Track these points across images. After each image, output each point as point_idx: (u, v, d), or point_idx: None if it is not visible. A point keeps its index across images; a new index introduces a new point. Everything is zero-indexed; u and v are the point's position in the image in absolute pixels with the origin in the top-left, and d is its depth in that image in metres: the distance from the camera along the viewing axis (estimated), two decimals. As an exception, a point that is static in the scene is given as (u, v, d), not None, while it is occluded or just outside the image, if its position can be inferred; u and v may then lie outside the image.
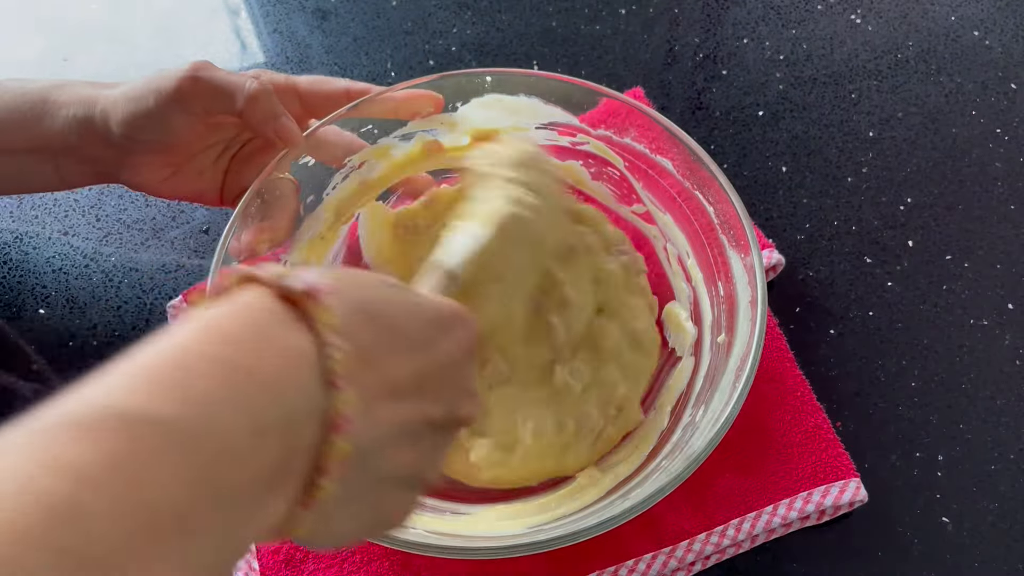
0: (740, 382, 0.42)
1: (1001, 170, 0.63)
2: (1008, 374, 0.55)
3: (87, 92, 0.48)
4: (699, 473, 0.41)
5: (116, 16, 0.76)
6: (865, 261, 0.59)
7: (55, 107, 0.48)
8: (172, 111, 0.46)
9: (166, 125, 0.47)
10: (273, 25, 0.74)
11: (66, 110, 0.48)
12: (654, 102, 0.67)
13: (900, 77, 0.69)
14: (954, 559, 0.49)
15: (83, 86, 0.48)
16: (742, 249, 0.47)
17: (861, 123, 0.66)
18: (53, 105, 0.48)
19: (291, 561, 0.48)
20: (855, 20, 0.72)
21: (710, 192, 0.49)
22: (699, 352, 0.50)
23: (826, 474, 0.49)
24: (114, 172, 0.50)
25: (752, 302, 0.45)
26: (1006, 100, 0.67)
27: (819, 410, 0.52)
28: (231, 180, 0.52)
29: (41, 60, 0.73)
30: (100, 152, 0.48)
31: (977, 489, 0.51)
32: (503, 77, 0.53)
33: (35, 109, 0.48)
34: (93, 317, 0.59)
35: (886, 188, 0.63)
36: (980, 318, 0.57)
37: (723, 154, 0.65)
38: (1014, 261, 0.59)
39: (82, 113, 0.47)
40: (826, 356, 0.55)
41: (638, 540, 0.48)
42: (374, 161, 0.54)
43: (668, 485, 0.40)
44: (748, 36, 0.72)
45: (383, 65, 0.71)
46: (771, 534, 0.49)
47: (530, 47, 0.71)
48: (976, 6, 0.73)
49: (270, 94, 0.47)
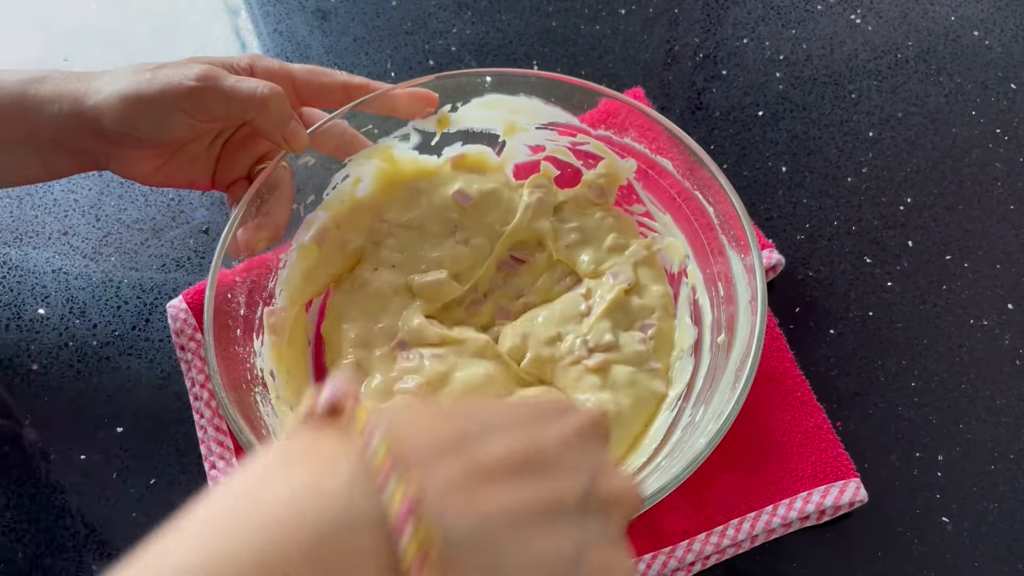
0: (740, 382, 0.42)
1: (1001, 170, 0.63)
2: (1008, 374, 0.55)
3: (72, 87, 0.46)
4: (699, 473, 0.41)
5: (116, 16, 0.76)
6: (865, 261, 0.59)
7: (37, 101, 0.46)
8: (176, 115, 0.46)
9: (168, 126, 0.46)
10: (273, 25, 0.74)
11: (51, 105, 0.46)
12: (654, 102, 0.67)
13: (900, 77, 0.69)
14: (954, 559, 0.49)
15: (65, 79, 0.47)
16: (742, 249, 0.47)
17: (861, 123, 0.66)
18: (34, 99, 0.46)
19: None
20: (855, 20, 0.72)
21: (710, 192, 0.49)
22: (699, 352, 0.50)
23: (826, 474, 0.49)
24: (104, 162, 0.49)
25: (752, 302, 0.45)
26: (1006, 100, 0.67)
27: (819, 410, 0.52)
28: (223, 166, 0.52)
29: (41, 60, 0.73)
30: (90, 145, 0.47)
31: (977, 489, 0.51)
32: (503, 77, 0.53)
33: (15, 104, 0.47)
34: (93, 317, 0.59)
35: (886, 188, 0.63)
36: (980, 318, 0.57)
37: (723, 154, 0.65)
38: (1014, 261, 0.59)
39: (69, 108, 0.46)
40: (826, 356, 0.55)
41: (638, 540, 0.48)
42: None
43: (668, 485, 0.40)
44: (748, 36, 0.72)
45: (383, 65, 0.71)
46: (771, 534, 0.49)
47: (530, 47, 0.71)
48: (976, 6, 0.73)
49: (281, 99, 0.46)
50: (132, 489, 0.52)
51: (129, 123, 0.46)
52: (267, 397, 0.47)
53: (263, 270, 0.51)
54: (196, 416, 0.53)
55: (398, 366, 0.50)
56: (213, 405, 0.53)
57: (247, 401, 0.45)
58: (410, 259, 0.54)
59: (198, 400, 0.53)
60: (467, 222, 0.56)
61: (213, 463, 0.51)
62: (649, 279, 0.54)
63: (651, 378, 0.50)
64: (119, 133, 0.46)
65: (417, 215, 0.55)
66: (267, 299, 0.51)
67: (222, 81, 0.45)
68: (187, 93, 0.45)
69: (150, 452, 0.54)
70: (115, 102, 0.45)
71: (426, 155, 0.56)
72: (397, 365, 0.50)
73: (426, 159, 0.56)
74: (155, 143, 0.47)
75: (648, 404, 0.50)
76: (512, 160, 0.57)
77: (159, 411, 0.55)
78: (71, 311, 0.59)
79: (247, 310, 0.49)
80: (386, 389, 0.50)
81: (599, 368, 0.50)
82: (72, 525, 0.52)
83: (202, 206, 0.63)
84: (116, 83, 0.46)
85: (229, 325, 0.47)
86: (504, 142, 0.57)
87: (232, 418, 0.43)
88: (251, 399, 0.45)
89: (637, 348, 0.51)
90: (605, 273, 0.54)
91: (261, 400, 0.46)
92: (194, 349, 0.55)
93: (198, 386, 0.54)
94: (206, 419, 0.53)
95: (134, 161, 0.49)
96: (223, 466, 0.51)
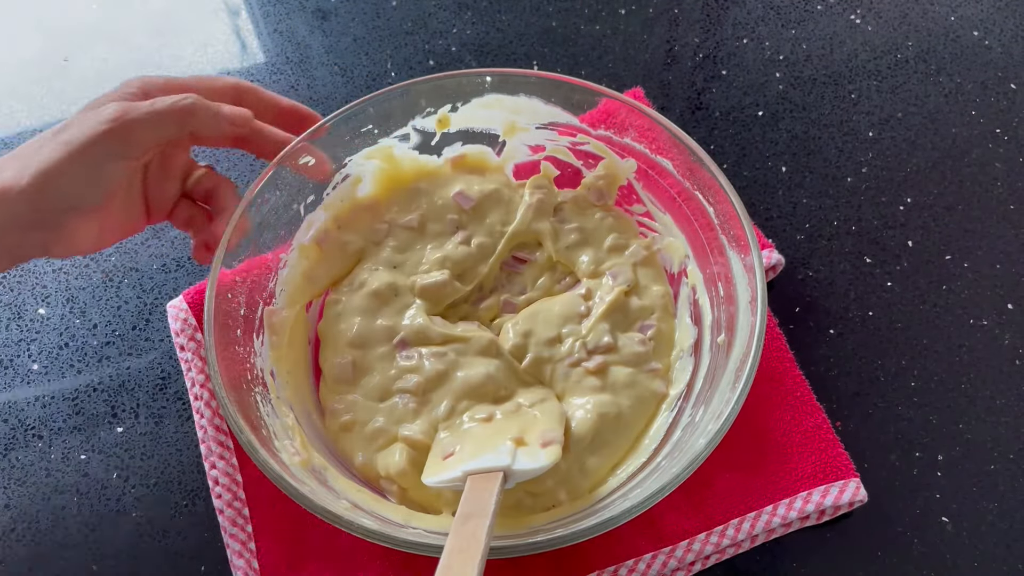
0: (740, 382, 0.42)
1: (1001, 170, 0.63)
2: (1008, 374, 0.55)
3: None
4: (699, 473, 0.41)
5: (116, 16, 0.76)
6: (865, 261, 0.59)
7: None
8: (108, 164, 0.43)
9: (104, 180, 0.43)
10: (273, 25, 0.74)
11: None
12: (654, 102, 0.67)
13: (900, 77, 0.69)
14: (954, 559, 0.49)
15: None
16: (742, 249, 0.47)
17: (861, 123, 0.66)
18: None
19: (291, 561, 0.48)
20: (855, 20, 0.72)
21: (710, 192, 0.49)
22: (699, 352, 0.50)
23: (826, 474, 0.49)
24: (40, 252, 0.44)
25: (752, 302, 0.45)
26: (1006, 100, 0.67)
27: (819, 410, 0.52)
28: (154, 197, 0.49)
29: (41, 60, 0.73)
30: (20, 239, 0.43)
31: (977, 489, 0.51)
32: (503, 77, 0.53)
33: None
34: (93, 317, 0.59)
35: (886, 188, 0.63)
36: (980, 318, 0.57)
37: (723, 154, 0.65)
38: (1014, 261, 0.59)
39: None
40: (826, 356, 0.55)
41: (638, 540, 0.48)
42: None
43: (668, 485, 0.40)
44: (748, 36, 0.72)
45: (383, 65, 0.71)
46: (771, 534, 0.49)
47: (530, 47, 0.71)
48: (976, 6, 0.73)
49: (201, 98, 0.44)
50: (132, 489, 0.53)
51: (66, 197, 0.42)
52: (267, 397, 0.47)
53: (263, 270, 0.51)
54: (196, 416, 0.53)
55: (397, 365, 0.50)
56: (213, 405, 0.53)
57: (247, 401, 0.45)
58: (411, 260, 0.54)
59: (198, 400, 0.53)
60: (468, 222, 0.56)
61: (213, 463, 0.51)
62: (649, 279, 0.54)
63: (651, 379, 0.50)
64: (58, 211, 0.42)
65: (418, 216, 0.55)
66: (267, 299, 0.51)
67: (138, 110, 0.43)
68: (110, 135, 0.42)
69: (150, 452, 0.54)
70: (42, 183, 0.41)
71: (426, 155, 0.56)
72: (396, 364, 0.50)
73: (426, 159, 0.56)
74: (95, 207, 0.44)
75: (648, 405, 0.50)
76: (512, 160, 0.57)
77: (159, 411, 0.55)
78: (71, 311, 0.59)
79: (247, 310, 0.49)
80: (384, 388, 0.50)
81: (598, 370, 0.50)
82: (72, 525, 0.52)
83: (202, 206, 0.63)
84: (29, 166, 0.42)
85: (229, 325, 0.47)
86: (504, 142, 0.57)
87: (232, 418, 0.43)
88: (251, 399, 0.45)
89: (636, 349, 0.51)
90: (605, 274, 0.54)
91: (261, 400, 0.46)
92: (194, 349, 0.55)
93: (198, 386, 0.54)
94: (206, 419, 0.53)
95: (77, 236, 0.44)
96: (223, 466, 0.51)
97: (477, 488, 0.41)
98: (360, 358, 0.51)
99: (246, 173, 0.65)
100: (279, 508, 0.50)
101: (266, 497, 0.50)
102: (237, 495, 0.50)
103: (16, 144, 0.67)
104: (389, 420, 0.49)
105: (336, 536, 0.49)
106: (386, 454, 0.48)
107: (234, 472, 0.51)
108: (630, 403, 0.49)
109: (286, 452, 0.44)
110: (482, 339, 0.51)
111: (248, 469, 0.51)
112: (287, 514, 0.50)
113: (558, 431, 0.46)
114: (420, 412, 0.49)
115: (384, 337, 0.52)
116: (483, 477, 0.42)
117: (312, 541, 0.49)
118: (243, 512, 0.50)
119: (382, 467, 0.48)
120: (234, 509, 0.50)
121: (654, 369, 0.51)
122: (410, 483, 0.47)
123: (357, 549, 0.49)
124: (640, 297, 0.53)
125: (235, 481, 0.51)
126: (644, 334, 0.52)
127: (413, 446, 0.47)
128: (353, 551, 0.48)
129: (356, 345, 0.51)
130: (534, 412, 0.48)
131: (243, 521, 0.50)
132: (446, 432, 0.48)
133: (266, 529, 0.49)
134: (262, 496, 0.50)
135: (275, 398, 0.48)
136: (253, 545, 0.49)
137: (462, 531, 0.38)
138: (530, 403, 0.49)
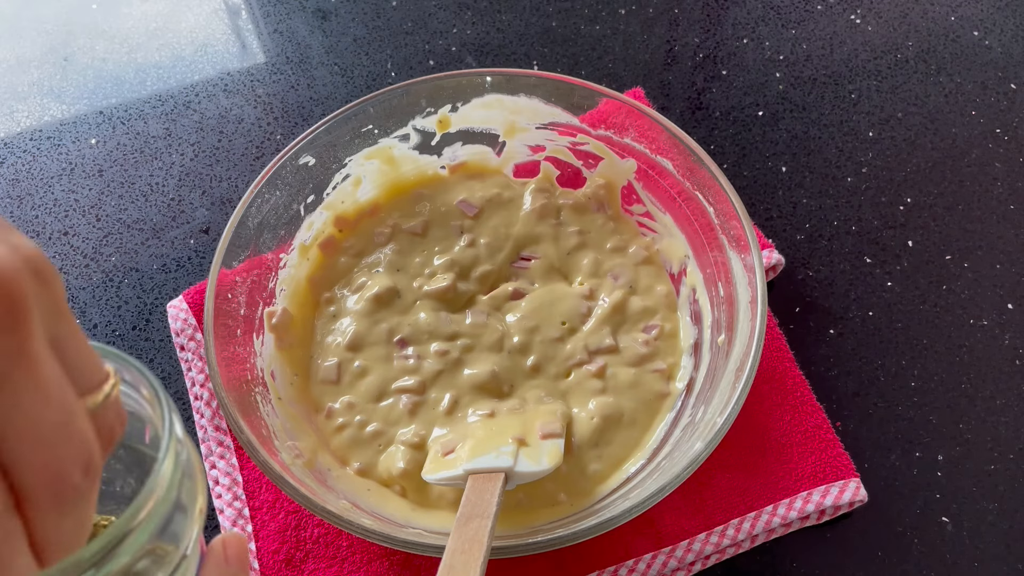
0: (740, 382, 0.42)
1: (1001, 170, 0.63)
2: (1008, 374, 0.55)
3: None
4: (699, 473, 0.41)
5: (116, 16, 0.76)
6: (865, 261, 0.59)
7: None
8: None
9: None
10: (273, 25, 0.74)
11: None
12: (654, 102, 0.67)
13: (900, 77, 0.69)
14: (954, 559, 0.49)
15: None
16: (742, 249, 0.47)
17: (861, 123, 0.66)
18: None
19: (291, 561, 0.48)
20: (855, 20, 0.72)
21: (710, 192, 0.49)
22: (699, 352, 0.50)
23: (826, 474, 0.49)
24: None
25: (752, 302, 0.45)
26: (1006, 100, 0.67)
27: (819, 410, 0.52)
28: None
29: (41, 60, 0.73)
30: None
31: (977, 489, 0.51)
32: (503, 77, 0.53)
33: None
34: (93, 317, 0.59)
35: (886, 188, 0.63)
36: (980, 318, 0.57)
37: (723, 154, 0.65)
38: (1014, 261, 0.59)
39: None
40: (826, 356, 0.55)
41: (638, 540, 0.48)
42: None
43: (668, 485, 0.40)
44: (748, 36, 0.72)
45: (383, 65, 0.71)
46: (771, 534, 0.49)
47: (530, 47, 0.71)
48: (976, 6, 0.73)
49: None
50: (132, 489, 0.52)
51: None
52: (267, 397, 0.47)
53: (263, 270, 0.51)
54: (196, 416, 0.53)
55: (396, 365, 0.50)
56: (213, 405, 0.53)
57: (247, 401, 0.45)
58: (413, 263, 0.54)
59: (198, 400, 0.53)
60: (473, 226, 0.56)
61: (213, 463, 0.51)
62: (651, 279, 0.54)
63: (654, 379, 0.50)
64: None
65: (420, 222, 0.55)
66: (267, 299, 0.51)
67: None
68: None
69: (150, 452, 0.54)
70: None
71: (426, 155, 0.56)
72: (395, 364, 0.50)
73: (426, 160, 0.56)
74: None
75: (652, 405, 0.50)
76: (512, 160, 0.57)
77: (159, 411, 0.55)
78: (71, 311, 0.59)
79: (247, 310, 0.49)
80: (383, 388, 0.50)
81: (600, 372, 0.50)
82: (72, 525, 0.52)
83: (202, 206, 0.63)
84: None
85: (229, 325, 0.47)
86: (504, 142, 0.57)
87: (232, 418, 0.43)
88: (251, 399, 0.46)
89: (639, 350, 0.51)
90: (606, 275, 0.54)
91: (261, 400, 0.46)
92: (194, 349, 0.55)
93: (198, 386, 0.54)
94: (206, 419, 0.53)
95: None
96: (223, 466, 0.51)
97: (478, 488, 0.41)
98: (356, 360, 0.51)
99: (246, 173, 0.65)
100: (279, 508, 0.50)
101: (266, 497, 0.50)
102: (237, 495, 0.50)
103: (16, 143, 0.67)
104: (386, 421, 0.49)
105: (336, 536, 0.49)
106: (385, 457, 0.48)
107: (234, 472, 0.51)
108: (634, 404, 0.49)
109: (287, 452, 0.44)
110: (488, 334, 0.51)
111: (248, 469, 0.51)
112: (287, 514, 0.50)
113: (559, 424, 0.46)
114: (418, 412, 0.49)
115: (384, 338, 0.52)
116: (485, 477, 0.42)
117: (312, 541, 0.49)
118: (243, 512, 0.50)
119: (383, 468, 0.48)
120: (234, 509, 0.50)
121: (659, 369, 0.51)
122: (410, 484, 0.47)
123: (357, 549, 0.49)
124: (642, 297, 0.53)
125: (235, 481, 0.51)
126: (649, 334, 0.52)
127: (412, 447, 0.47)
128: (353, 551, 0.48)
129: (352, 347, 0.51)
130: (537, 409, 0.48)
131: (243, 521, 0.50)
132: (447, 428, 0.48)
133: (266, 529, 0.49)
134: (262, 496, 0.50)
135: (275, 398, 0.48)
136: (253, 545, 0.49)
137: (464, 531, 0.38)
138: (534, 400, 0.49)
